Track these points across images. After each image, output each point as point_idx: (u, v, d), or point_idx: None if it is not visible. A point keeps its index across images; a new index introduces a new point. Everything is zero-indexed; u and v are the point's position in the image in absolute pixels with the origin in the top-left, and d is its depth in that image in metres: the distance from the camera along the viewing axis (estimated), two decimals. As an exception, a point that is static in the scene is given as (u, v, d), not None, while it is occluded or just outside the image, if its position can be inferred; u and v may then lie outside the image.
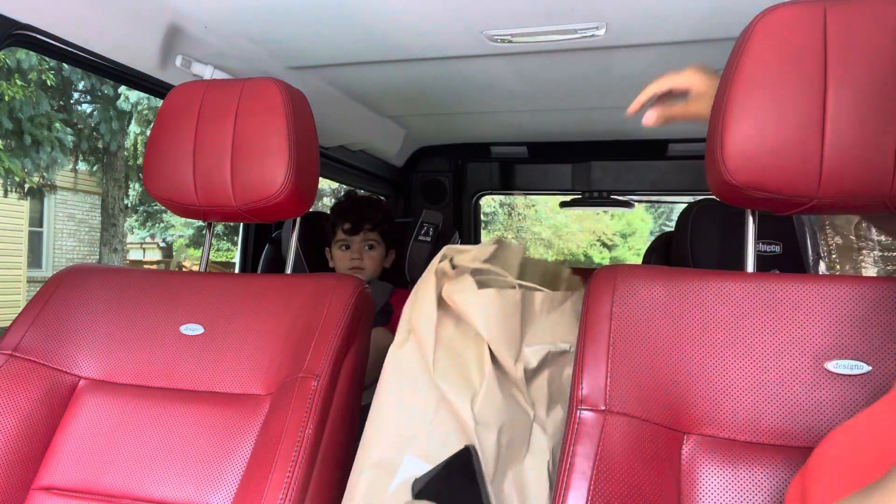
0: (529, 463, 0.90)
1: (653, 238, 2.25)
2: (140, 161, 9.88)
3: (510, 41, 1.28)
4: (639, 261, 3.04)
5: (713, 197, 1.20)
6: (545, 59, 1.43)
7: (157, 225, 13.07)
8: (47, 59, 6.78)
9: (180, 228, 13.11)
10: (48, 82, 6.88)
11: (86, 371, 1.02)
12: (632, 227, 16.35)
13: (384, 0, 1.14)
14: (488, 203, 13.64)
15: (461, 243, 2.24)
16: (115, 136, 8.72)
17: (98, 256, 10.72)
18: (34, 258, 10.29)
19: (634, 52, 1.35)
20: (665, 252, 1.89)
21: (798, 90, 0.73)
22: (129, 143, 9.50)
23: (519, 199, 14.32)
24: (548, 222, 15.56)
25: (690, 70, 0.92)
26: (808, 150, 0.72)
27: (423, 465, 0.86)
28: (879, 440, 0.51)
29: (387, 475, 0.87)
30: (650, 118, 0.94)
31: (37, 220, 10.40)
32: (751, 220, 0.87)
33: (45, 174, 8.14)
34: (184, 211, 1.08)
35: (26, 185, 7.56)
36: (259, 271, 1.85)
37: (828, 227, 1.04)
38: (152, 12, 1.16)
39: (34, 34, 1.05)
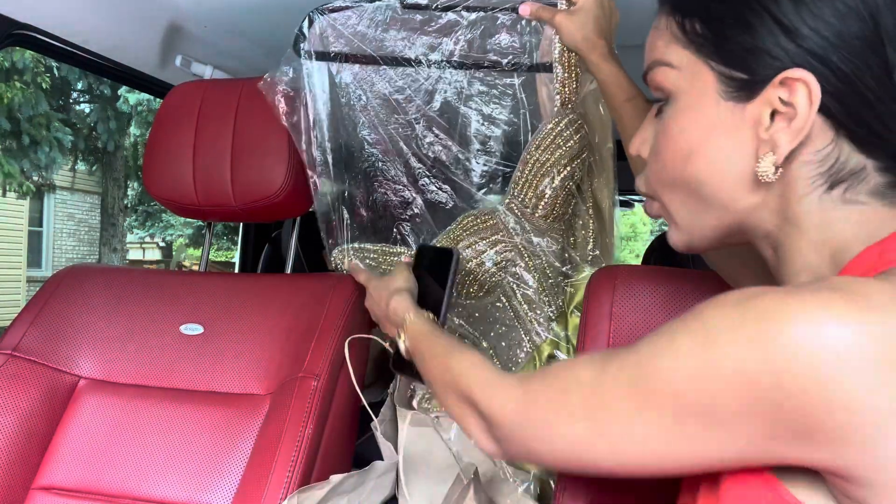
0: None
1: (653, 238, 2.24)
2: (138, 162, 9.86)
3: (510, 41, 1.28)
4: (639, 262, 3.03)
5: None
6: (545, 59, 1.42)
7: (156, 224, 13.06)
8: (43, 60, 6.78)
9: (180, 228, 13.10)
10: (43, 85, 6.85)
11: (86, 371, 1.01)
12: (634, 230, 16.29)
13: (384, 0, 1.13)
14: (488, 203, 13.58)
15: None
16: (113, 135, 8.70)
17: (98, 256, 10.72)
18: (34, 258, 10.27)
19: (634, 52, 1.35)
20: (665, 251, 1.89)
21: (798, 90, 0.72)
22: (128, 143, 9.48)
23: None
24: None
25: None
26: (808, 150, 0.72)
27: None
28: None
29: None
30: (525, 8, 0.89)
31: (36, 219, 10.39)
32: (751, 220, 0.87)
33: (43, 174, 8.13)
34: (184, 211, 1.08)
35: (24, 187, 7.55)
36: (259, 271, 1.85)
37: None
38: (152, 12, 1.16)
39: (34, 34, 1.05)
